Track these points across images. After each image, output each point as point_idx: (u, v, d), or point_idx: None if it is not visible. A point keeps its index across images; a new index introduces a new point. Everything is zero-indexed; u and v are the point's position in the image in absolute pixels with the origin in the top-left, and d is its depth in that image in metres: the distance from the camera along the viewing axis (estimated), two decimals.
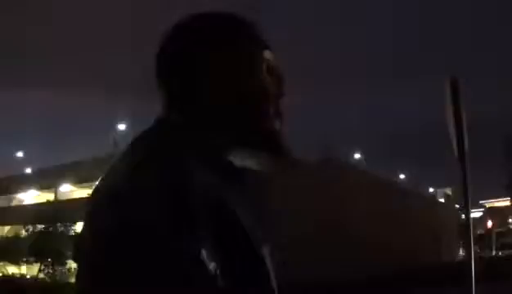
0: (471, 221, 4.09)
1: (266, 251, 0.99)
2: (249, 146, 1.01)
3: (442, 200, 54.45)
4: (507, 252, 38.16)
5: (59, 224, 26.20)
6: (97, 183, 0.96)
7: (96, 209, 0.91)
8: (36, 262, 26.68)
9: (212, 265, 0.84)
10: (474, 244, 4.20)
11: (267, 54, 1.05)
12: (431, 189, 57.56)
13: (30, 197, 38.77)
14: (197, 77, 1.00)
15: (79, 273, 0.90)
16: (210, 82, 1.00)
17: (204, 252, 0.83)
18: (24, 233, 28.28)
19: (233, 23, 1.06)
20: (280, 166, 1.04)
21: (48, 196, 34.56)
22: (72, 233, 26.05)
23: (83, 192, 30.45)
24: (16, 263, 29.20)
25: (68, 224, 26.28)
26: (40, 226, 26.62)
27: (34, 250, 25.66)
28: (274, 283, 0.98)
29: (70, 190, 35.58)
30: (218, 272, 0.84)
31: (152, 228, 0.82)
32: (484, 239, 46.24)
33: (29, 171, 40.58)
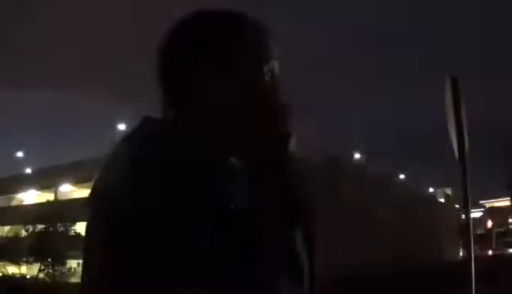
0: (471, 221, 4.09)
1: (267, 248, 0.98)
2: (247, 148, 1.00)
3: (442, 200, 54.42)
4: (507, 252, 38.16)
5: (59, 224, 26.20)
6: (94, 181, 0.96)
7: (100, 208, 0.91)
8: (36, 262, 26.67)
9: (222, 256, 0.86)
10: (474, 244, 4.20)
11: (272, 61, 1.03)
12: (431, 189, 57.51)
13: (30, 197, 38.76)
14: (197, 78, 0.99)
15: (91, 272, 0.91)
16: (209, 84, 0.99)
17: (213, 242, 0.85)
18: (24, 233, 28.28)
19: (235, 23, 1.03)
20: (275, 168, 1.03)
21: (48, 196, 34.52)
22: (72, 233, 26.05)
23: (83, 192, 30.43)
24: (16, 263, 29.18)
25: (68, 224, 26.27)
26: (40, 226, 26.62)
27: (34, 250, 25.66)
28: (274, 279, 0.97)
29: (70, 190, 35.56)
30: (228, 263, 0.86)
31: (160, 218, 0.84)
32: (484, 239, 46.27)
33: (29, 171, 40.56)
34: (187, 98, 1.00)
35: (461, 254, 41.71)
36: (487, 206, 72.40)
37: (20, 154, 45.87)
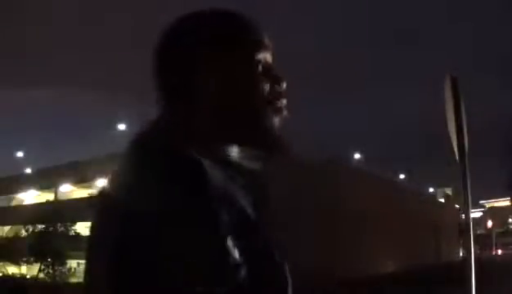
0: (471, 221, 4.09)
1: (277, 248, 0.98)
2: (247, 145, 1.02)
3: (442, 200, 54.41)
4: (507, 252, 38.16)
5: (59, 224, 26.21)
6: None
7: (108, 209, 0.91)
8: (36, 262, 26.67)
9: (236, 254, 0.84)
10: (474, 244, 4.19)
11: (266, 54, 1.05)
12: (431, 189, 57.49)
13: (30, 197, 38.77)
14: (193, 77, 1.01)
15: (95, 272, 0.91)
16: (206, 82, 1.00)
17: (228, 241, 0.84)
18: (24, 233, 28.28)
19: (232, 21, 1.06)
20: (279, 164, 1.04)
21: (48, 196, 34.54)
22: (72, 233, 26.05)
23: (83, 192, 30.45)
24: (16, 263, 29.18)
25: (68, 224, 26.27)
26: (40, 226, 26.62)
27: (34, 250, 25.65)
28: (288, 280, 0.97)
29: (70, 190, 35.58)
30: (242, 261, 0.85)
31: (173, 224, 0.83)
32: (484, 239, 46.28)
33: (29, 171, 40.56)
34: (183, 96, 1.01)
35: (461, 254, 41.69)
36: (487, 206, 72.45)
37: (20, 154, 45.91)
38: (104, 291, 0.87)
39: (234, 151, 1.03)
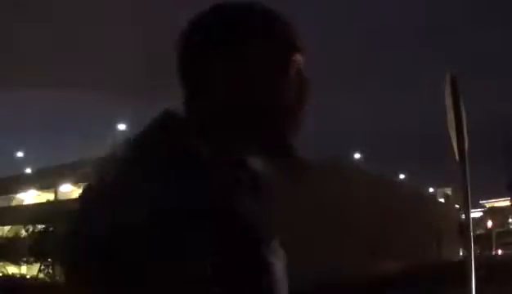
0: (471, 221, 4.09)
1: (273, 257, 0.95)
2: (260, 148, 0.99)
3: (442, 200, 54.39)
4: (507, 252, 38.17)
5: (59, 224, 26.20)
6: (90, 180, 0.95)
7: (88, 208, 0.90)
8: (36, 262, 26.66)
9: (212, 269, 0.82)
10: (474, 244, 4.18)
11: (297, 56, 0.99)
12: (431, 189, 57.45)
13: (30, 197, 38.75)
14: (214, 75, 0.96)
15: (72, 272, 0.89)
16: (226, 81, 0.96)
17: (205, 255, 0.81)
18: (24, 233, 28.27)
19: (256, 17, 0.99)
20: (290, 168, 1.01)
21: (48, 196, 34.52)
22: None
23: None
24: (16, 263, 29.18)
25: (68, 224, 26.24)
26: (40, 226, 26.62)
27: (34, 250, 25.65)
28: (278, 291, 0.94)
29: (70, 190, 35.55)
30: (218, 274, 0.82)
31: (149, 227, 0.80)
32: (484, 239, 46.26)
33: (29, 171, 40.53)
34: (201, 93, 0.98)
35: (461, 254, 41.69)
36: (487, 206, 72.39)
37: (20, 154, 45.88)
38: (91, 291, 0.85)
39: (247, 152, 1.00)
